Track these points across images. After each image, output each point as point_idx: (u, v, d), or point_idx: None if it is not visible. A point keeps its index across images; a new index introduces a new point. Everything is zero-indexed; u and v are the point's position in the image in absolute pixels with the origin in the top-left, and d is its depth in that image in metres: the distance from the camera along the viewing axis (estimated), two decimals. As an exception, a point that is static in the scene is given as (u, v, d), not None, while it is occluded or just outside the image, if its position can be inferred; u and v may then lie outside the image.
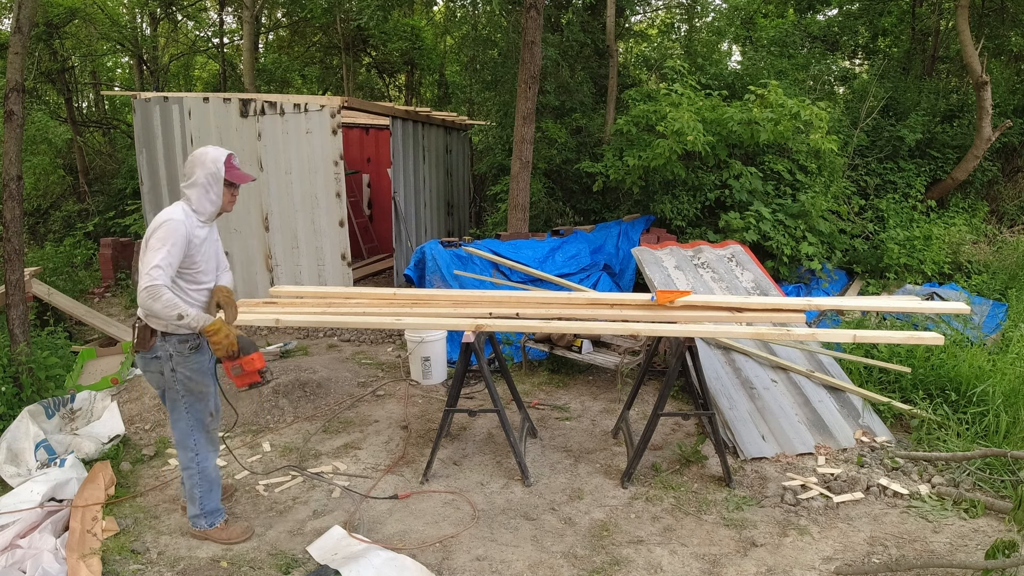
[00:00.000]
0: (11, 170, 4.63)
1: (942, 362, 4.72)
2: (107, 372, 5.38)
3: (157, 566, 3.21)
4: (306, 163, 7.03)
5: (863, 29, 12.36)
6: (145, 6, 14.16)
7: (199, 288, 3.15)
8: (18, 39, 4.63)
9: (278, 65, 15.32)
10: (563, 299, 4.22)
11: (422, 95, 16.39)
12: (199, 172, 3.08)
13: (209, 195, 3.10)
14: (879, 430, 4.38)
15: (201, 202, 3.10)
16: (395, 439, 4.56)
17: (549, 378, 5.65)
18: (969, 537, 3.31)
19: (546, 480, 3.96)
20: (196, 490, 3.33)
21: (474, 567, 3.17)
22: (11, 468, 3.90)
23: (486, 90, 10.67)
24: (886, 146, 9.06)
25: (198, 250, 3.07)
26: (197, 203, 3.10)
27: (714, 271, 5.73)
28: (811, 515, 3.55)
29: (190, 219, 3.05)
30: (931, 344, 3.63)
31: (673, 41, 13.66)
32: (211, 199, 3.11)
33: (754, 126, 6.83)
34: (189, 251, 3.02)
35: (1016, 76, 10.70)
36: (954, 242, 7.77)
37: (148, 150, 7.80)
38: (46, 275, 8.16)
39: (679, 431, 4.62)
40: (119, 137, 14.76)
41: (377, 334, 6.85)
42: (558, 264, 6.55)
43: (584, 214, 9.27)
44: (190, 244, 3.02)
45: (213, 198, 3.12)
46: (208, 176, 3.08)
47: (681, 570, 3.14)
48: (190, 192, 3.10)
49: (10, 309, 4.75)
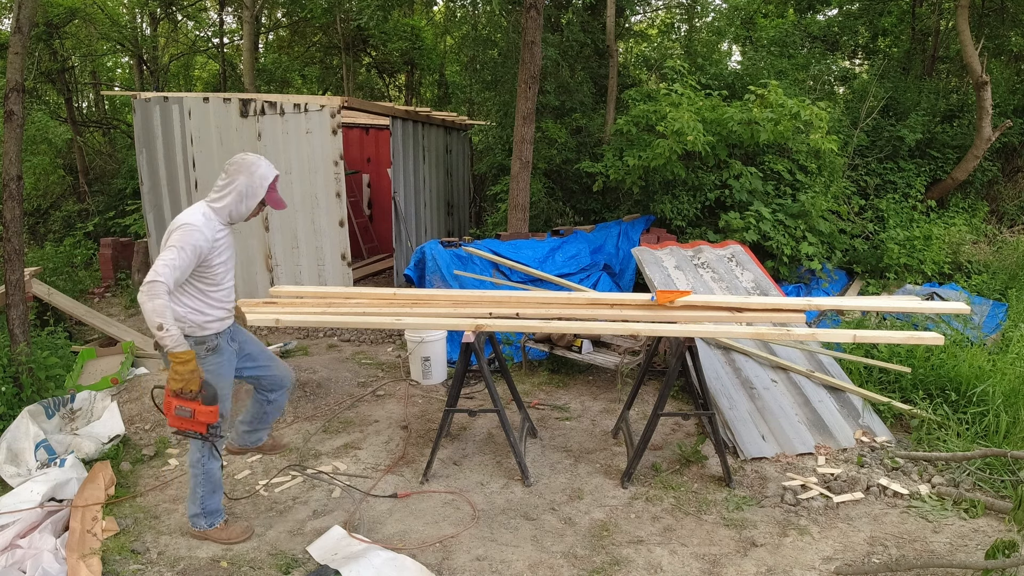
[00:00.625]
0: (11, 170, 4.63)
1: (942, 362, 4.72)
2: (107, 372, 5.38)
3: (157, 566, 3.21)
4: (306, 163, 7.04)
5: (863, 29, 12.36)
6: (145, 6, 14.16)
7: (220, 289, 3.16)
8: (18, 39, 4.63)
9: (278, 65, 15.32)
10: (563, 299, 4.22)
11: (422, 95, 16.39)
12: (242, 180, 3.09)
13: (241, 205, 3.12)
14: (879, 430, 4.38)
15: (232, 206, 3.11)
16: (395, 439, 4.56)
17: (549, 378, 5.65)
18: (969, 537, 3.31)
19: (546, 480, 3.96)
20: (199, 489, 3.33)
21: (474, 567, 3.17)
22: (11, 468, 3.90)
23: (486, 90, 10.67)
24: (886, 146, 9.06)
25: (216, 253, 3.08)
26: (226, 206, 3.10)
27: (714, 271, 5.73)
28: (811, 515, 3.55)
29: (210, 223, 3.05)
30: (931, 344, 3.62)
31: (673, 41, 13.66)
32: (240, 209, 3.13)
33: (754, 126, 6.83)
34: (206, 256, 3.02)
35: (1016, 76, 10.70)
36: (954, 242, 7.77)
37: (148, 150, 7.80)
38: (46, 275, 8.15)
39: (679, 431, 4.62)
40: (119, 137, 14.76)
41: (377, 334, 6.85)
42: (558, 264, 6.55)
43: (584, 214, 9.27)
44: (207, 249, 3.01)
45: (243, 209, 3.13)
46: (249, 188, 3.10)
47: (681, 570, 3.14)
48: (222, 194, 3.10)
49: (10, 309, 4.75)
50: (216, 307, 3.15)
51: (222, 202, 3.09)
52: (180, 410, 2.98)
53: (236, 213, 3.13)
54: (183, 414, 2.98)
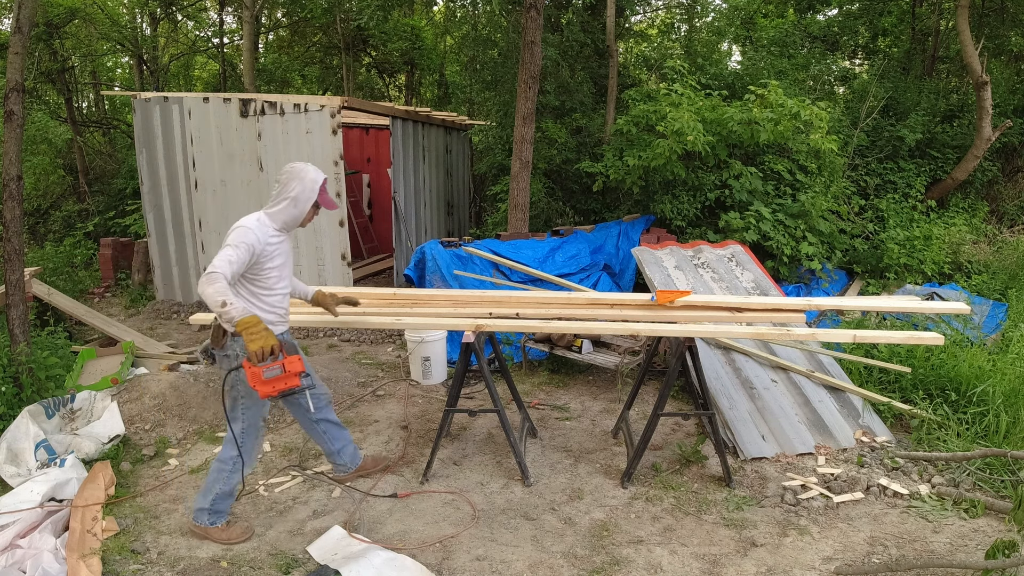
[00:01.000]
0: (11, 170, 4.62)
1: (942, 362, 4.72)
2: (107, 372, 5.38)
3: (157, 566, 3.21)
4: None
5: (863, 29, 12.36)
6: (145, 6, 14.16)
7: (273, 293, 3.27)
8: (18, 39, 4.63)
9: (278, 65, 15.32)
10: (563, 299, 4.23)
11: (422, 95, 16.39)
12: (295, 185, 3.23)
13: (295, 209, 3.24)
14: (879, 430, 4.38)
15: (285, 212, 3.23)
16: (395, 439, 4.56)
17: (549, 378, 5.65)
18: (969, 537, 3.31)
19: (546, 480, 3.96)
20: (217, 485, 3.36)
21: (474, 567, 3.17)
22: (11, 468, 3.90)
23: (486, 90, 10.67)
24: (886, 146, 9.06)
25: (269, 258, 3.18)
26: (280, 212, 3.23)
27: (714, 271, 5.73)
28: (811, 515, 3.55)
29: (263, 228, 3.16)
30: (931, 344, 3.63)
31: (673, 41, 13.66)
32: (294, 214, 3.25)
33: (754, 126, 6.83)
34: (258, 258, 3.13)
35: (1016, 76, 10.71)
36: (954, 242, 7.77)
37: (148, 150, 7.80)
38: (46, 275, 8.15)
39: (679, 431, 4.62)
40: (119, 137, 14.76)
41: (377, 334, 6.85)
42: (558, 264, 6.55)
43: (584, 214, 9.27)
44: (260, 250, 3.12)
45: (296, 214, 3.25)
46: (302, 192, 3.23)
47: (681, 570, 3.14)
48: (277, 201, 3.24)
49: (10, 309, 4.75)
50: (268, 311, 3.24)
51: (276, 208, 3.24)
52: (269, 372, 2.97)
53: (291, 218, 3.26)
54: (274, 374, 2.97)
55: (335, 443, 3.81)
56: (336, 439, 3.82)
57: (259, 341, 2.90)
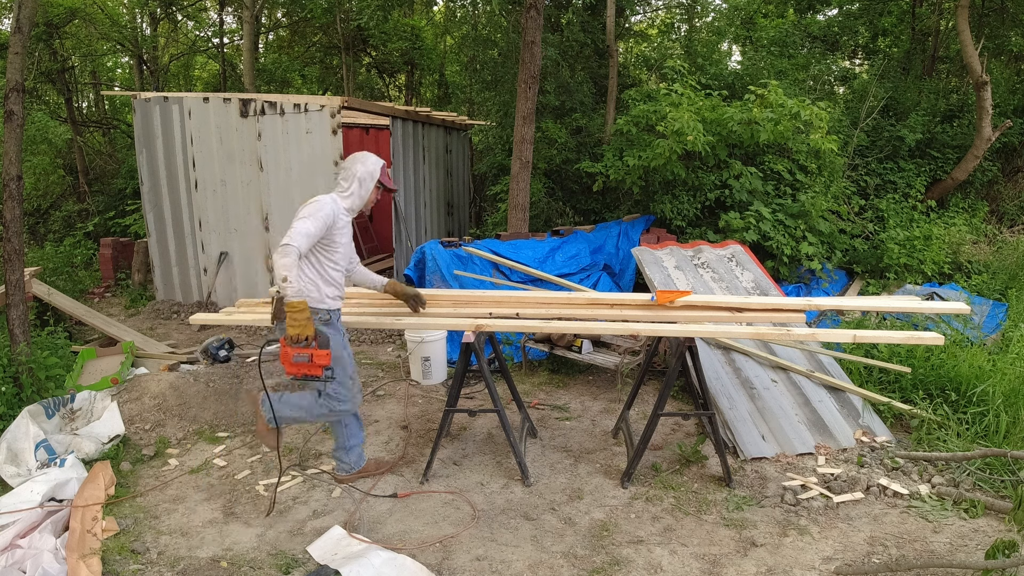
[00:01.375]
0: (11, 170, 4.63)
1: (942, 362, 4.72)
2: (107, 372, 5.38)
3: (157, 566, 3.21)
4: (306, 163, 7.03)
5: (863, 29, 12.35)
6: (145, 6, 14.15)
7: (337, 268, 3.51)
8: (18, 39, 4.63)
9: (278, 65, 15.30)
10: (563, 299, 4.22)
11: (422, 95, 16.38)
12: (359, 167, 3.53)
13: (363, 189, 3.54)
14: (879, 430, 4.38)
15: (356, 193, 3.52)
16: (395, 439, 4.56)
17: (549, 378, 5.65)
18: (969, 537, 3.31)
19: (546, 480, 3.96)
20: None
21: (474, 567, 3.17)
22: (11, 468, 3.90)
23: (486, 90, 10.67)
24: (886, 146, 9.06)
25: (340, 232, 3.47)
26: (351, 194, 3.52)
27: (714, 271, 5.73)
28: (811, 515, 3.55)
29: (337, 204, 3.45)
30: (931, 344, 3.62)
31: (673, 41, 13.65)
32: (361, 194, 3.54)
33: (754, 126, 6.83)
34: (331, 232, 3.40)
35: (1016, 76, 10.70)
36: (954, 242, 7.76)
37: (148, 150, 7.80)
38: (46, 275, 8.16)
39: (679, 431, 4.62)
40: (119, 137, 14.76)
41: (377, 334, 6.85)
42: (558, 264, 6.55)
43: (584, 214, 9.27)
44: (333, 225, 3.39)
45: (363, 193, 3.55)
46: (366, 173, 3.53)
47: (681, 570, 3.14)
48: (346, 185, 3.52)
49: (10, 309, 4.75)
50: (330, 284, 3.48)
51: (347, 190, 3.52)
52: (298, 357, 3.20)
53: (359, 198, 3.55)
54: (301, 359, 3.21)
55: (351, 439, 3.92)
56: (353, 436, 3.92)
57: (298, 328, 3.13)
